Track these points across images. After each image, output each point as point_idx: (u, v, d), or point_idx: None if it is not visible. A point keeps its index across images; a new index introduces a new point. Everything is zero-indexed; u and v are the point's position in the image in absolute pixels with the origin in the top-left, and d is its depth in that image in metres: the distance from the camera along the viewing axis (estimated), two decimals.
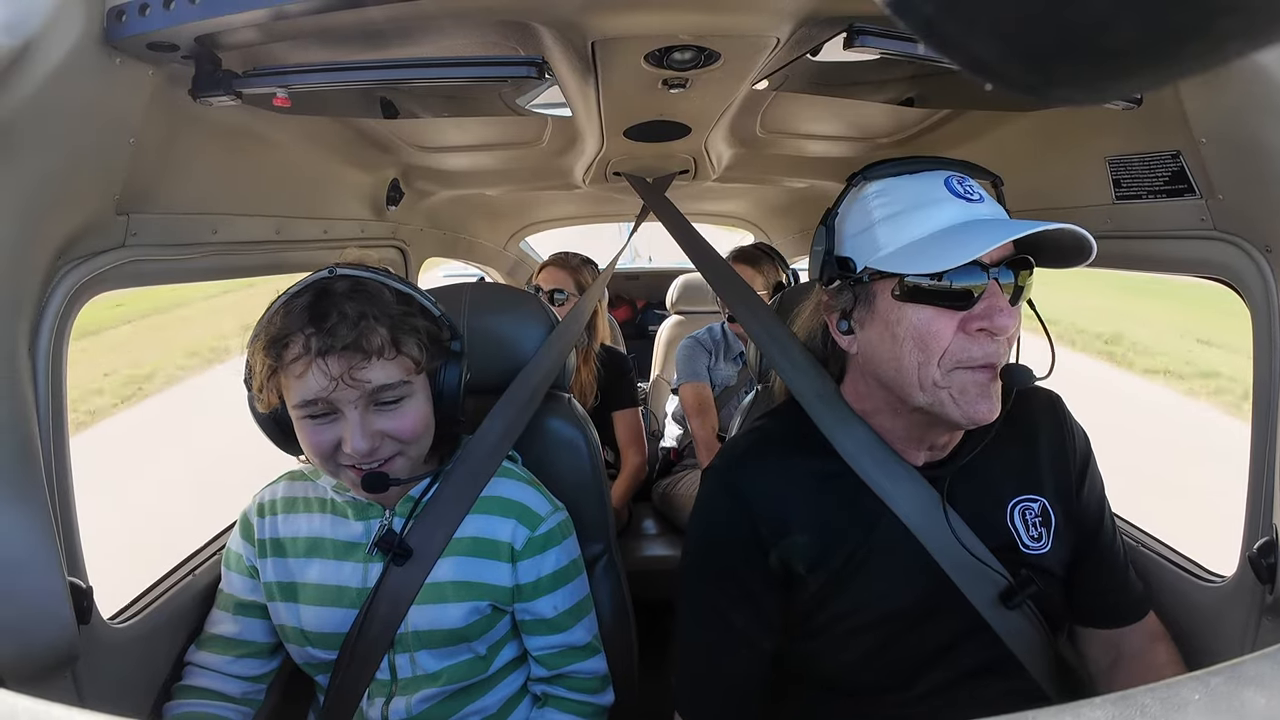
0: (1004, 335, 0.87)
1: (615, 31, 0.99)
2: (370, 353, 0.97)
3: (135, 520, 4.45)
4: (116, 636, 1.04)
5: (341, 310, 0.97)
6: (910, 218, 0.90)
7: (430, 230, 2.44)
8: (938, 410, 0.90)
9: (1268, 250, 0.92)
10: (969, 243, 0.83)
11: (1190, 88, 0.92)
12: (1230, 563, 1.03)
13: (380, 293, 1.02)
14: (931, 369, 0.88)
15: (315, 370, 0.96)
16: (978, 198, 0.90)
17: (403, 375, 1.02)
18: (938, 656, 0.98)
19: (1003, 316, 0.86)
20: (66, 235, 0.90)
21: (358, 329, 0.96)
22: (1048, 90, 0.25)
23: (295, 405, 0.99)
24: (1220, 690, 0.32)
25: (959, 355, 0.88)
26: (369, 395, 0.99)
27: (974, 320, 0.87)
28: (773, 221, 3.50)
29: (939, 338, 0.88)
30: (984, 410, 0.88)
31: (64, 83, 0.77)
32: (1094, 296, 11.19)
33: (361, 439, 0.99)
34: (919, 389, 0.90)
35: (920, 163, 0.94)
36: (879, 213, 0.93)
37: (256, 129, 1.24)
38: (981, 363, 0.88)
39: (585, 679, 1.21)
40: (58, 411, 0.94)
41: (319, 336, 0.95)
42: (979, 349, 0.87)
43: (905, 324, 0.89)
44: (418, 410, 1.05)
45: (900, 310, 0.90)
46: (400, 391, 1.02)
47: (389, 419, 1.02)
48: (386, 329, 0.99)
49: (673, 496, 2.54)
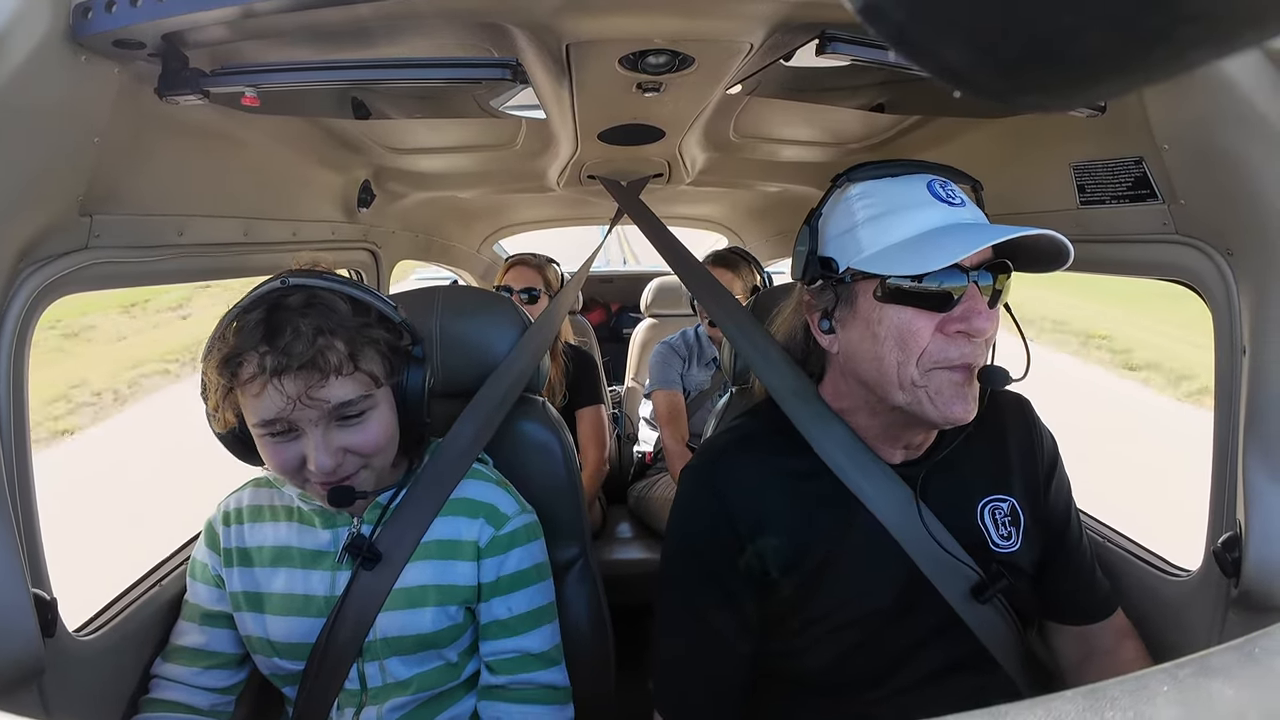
0: (981, 338, 0.89)
1: (589, 35, 0.99)
2: (328, 371, 0.94)
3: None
4: (82, 649, 1.01)
5: (295, 327, 0.92)
6: (893, 220, 0.91)
7: (402, 233, 2.41)
8: (915, 409, 0.91)
9: (1229, 253, 0.95)
10: (950, 246, 0.84)
11: (1153, 95, 0.94)
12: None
13: (335, 304, 0.97)
14: (910, 368, 0.90)
15: (271, 390, 0.92)
16: (959, 201, 0.92)
17: (363, 390, 0.98)
18: (913, 653, 0.99)
19: (980, 319, 0.87)
20: (28, 237, 0.88)
21: (314, 346, 0.93)
22: (1015, 97, 0.25)
23: (254, 425, 0.96)
24: (1188, 682, 0.33)
25: (937, 356, 0.89)
26: (329, 413, 0.97)
27: (953, 322, 0.88)
28: (747, 225, 3.52)
29: (918, 338, 0.89)
30: (959, 410, 0.90)
31: (28, 80, 0.75)
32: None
33: (325, 457, 0.96)
34: (898, 388, 0.91)
35: (903, 166, 0.95)
36: (862, 214, 0.93)
37: (224, 129, 1.22)
38: (959, 363, 0.89)
39: (535, 690, 1.14)
40: (19, 420, 0.92)
41: (273, 355, 0.91)
42: (956, 350, 0.89)
43: (886, 324, 0.91)
44: (380, 422, 1.02)
45: (881, 310, 0.91)
46: (361, 406, 0.99)
47: (351, 434, 0.99)
48: (344, 344, 0.96)
49: (648, 500, 2.54)
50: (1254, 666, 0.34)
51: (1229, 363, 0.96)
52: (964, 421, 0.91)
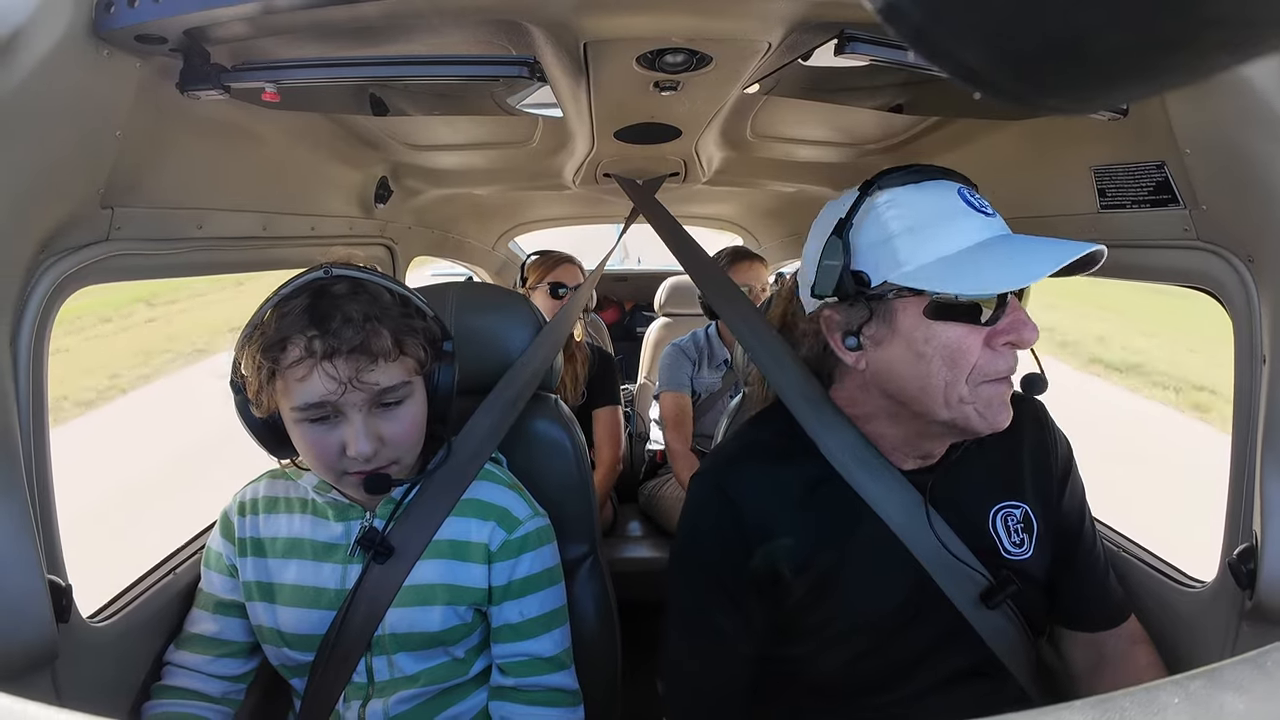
0: (1028, 347, 0.88)
1: (607, 33, 0.99)
2: (377, 355, 0.97)
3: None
4: (96, 635, 1.02)
5: (345, 312, 0.96)
6: (934, 232, 0.87)
7: (419, 229, 2.43)
8: (961, 424, 0.89)
9: (1250, 260, 0.93)
10: (1010, 264, 0.82)
11: (1175, 99, 0.93)
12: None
13: (380, 294, 1.01)
14: (960, 387, 0.87)
15: (320, 374, 0.95)
16: (990, 211, 0.90)
17: (405, 376, 1.02)
18: (922, 659, 0.98)
19: (1028, 330, 0.86)
20: (50, 228, 0.89)
21: (364, 331, 0.96)
22: (1035, 99, 0.25)
23: (295, 408, 0.98)
24: (1199, 694, 0.33)
25: (986, 370, 0.87)
26: (374, 397, 0.99)
27: (1000, 335, 0.87)
28: (761, 225, 3.51)
29: (969, 355, 0.87)
30: (1004, 418, 0.90)
31: (51, 73, 0.76)
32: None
33: (365, 442, 0.98)
34: (944, 406, 0.88)
35: (925, 172, 0.92)
36: (895, 225, 0.89)
37: (244, 124, 1.23)
38: (1005, 375, 0.89)
39: (544, 692, 1.15)
40: (38, 408, 0.93)
41: (323, 339, 0.94)
42: (1004, 362, 0.88)
43: (934, 342, 0.87)
44: (415, 412, 1.05)
45: (929, 328, 0.87)
46: (402, 393, 1.02)
47: (389, 422, 1.02)
48: (390, 330, 0.99)
49: (659, 498, 2.55)
50: (1267, 680, 0.34)
51: (1248, 372, 0.95)
52: (1004, 427, 0.90)
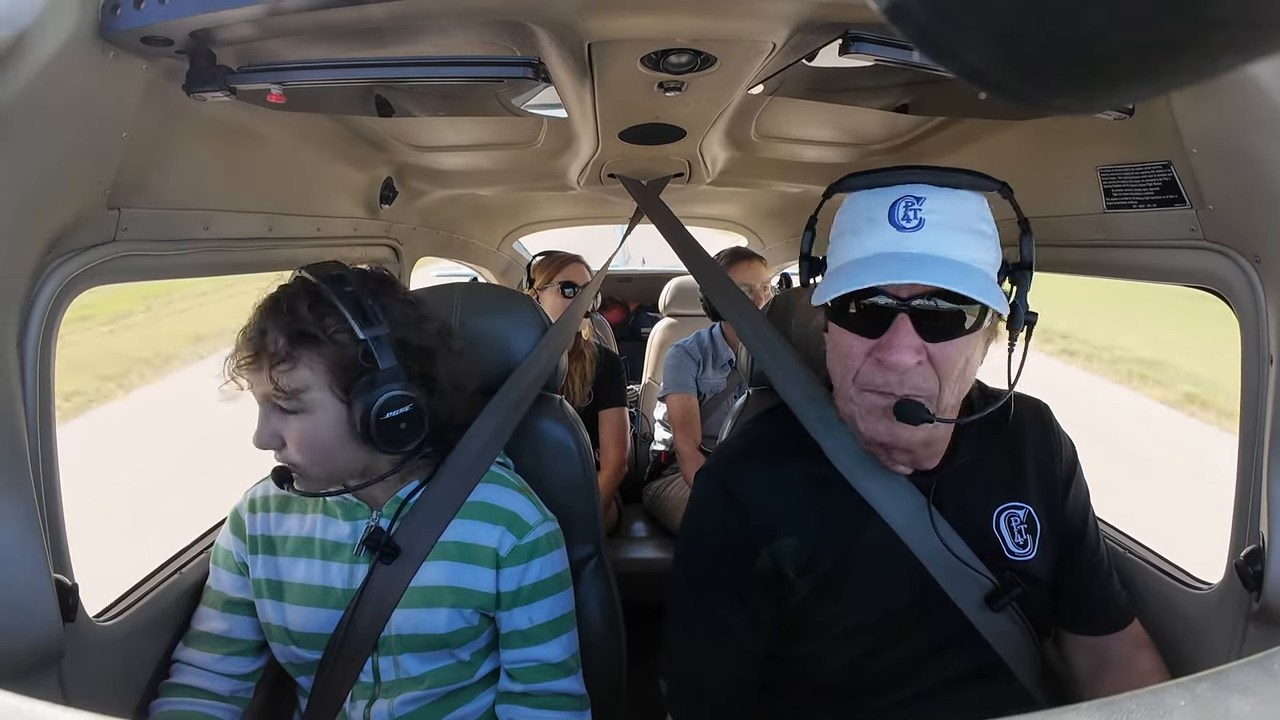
0: (895, 372, 0.88)
1: (612, 34, 0.99)
2: (272, 354, 0.99)
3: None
4: (102, 634, 1.03)
5: (277, 311, 1.02)
6: (850, 240, 0.92)
7: (424, 229, 2.43)
8: (851, 424, 0.96)
9: (1257, 260, 0.93)
10: (861, 276, 0.86)
11: (1181, 99, 0.92)
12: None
13: (295, 305, 1.02)
14: (849, 385, 0.93)
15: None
16: (914, 225, 0.87)
17: (299, 386, 1.00)
18: (927, 660, 0.98)
19: (894, 353, 0.86)
20: (57, 229, 0.89)
21: (272, 330, 1.00)
22: (1041, 99, 0.25)
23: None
24: (1205, 697, 0.33)
25: (865, 379, 0.91)
26: (269, 394, 1.01)
27: (876, 350, 0.89)
28: (765, 225, 3.50)
29: (852, 359, 0.92)
30: (879, 429, 0.92)
31: (57, 75, 0.77)
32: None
33: (261, 434, 1.03)
34: (844, 400, 0.95)
35: (887, 175, 0.91)
36: (835, 229, 0.96)
37: (250, 125, 1.23)
38: (882, 388, 0.90)
39: (552, 698, 1.16)
40: (45, 407, 0.93)
41: (254, 328, 1.03)
42: (881, 377, 0.90)
43: (832, 341, 0.96)
44: (310, 428, 1.02)
45: (832, 327, 0.96)
46: (295, 404, 1.00)
47: (286, 428, 1.02)
48: (286, 337, 1.00)
49: (663, 499, 2.55)
50: (1273, 683, 0.34)
51: (1255, 372, 0.95)
52: (882, 441, 0.93)
